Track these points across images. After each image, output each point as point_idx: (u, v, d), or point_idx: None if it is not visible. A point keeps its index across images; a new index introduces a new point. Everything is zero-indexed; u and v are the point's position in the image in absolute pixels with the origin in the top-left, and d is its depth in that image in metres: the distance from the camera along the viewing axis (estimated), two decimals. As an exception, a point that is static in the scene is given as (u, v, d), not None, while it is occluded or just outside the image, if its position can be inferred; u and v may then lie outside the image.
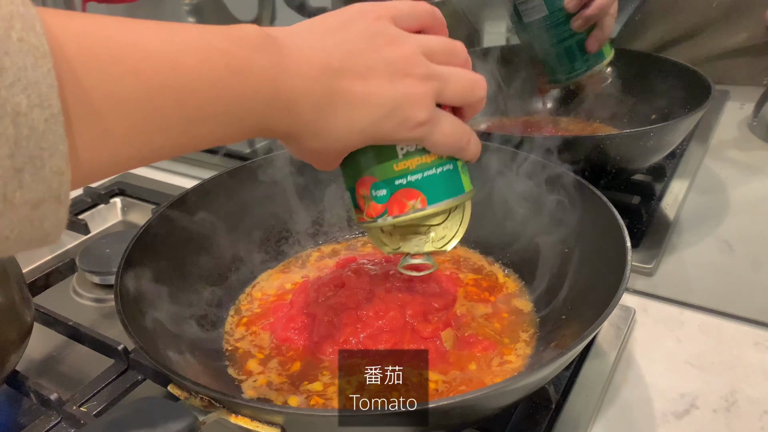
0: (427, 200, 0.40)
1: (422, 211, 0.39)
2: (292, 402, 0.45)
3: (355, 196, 0.42)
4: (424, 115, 0.36)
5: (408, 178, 0.39)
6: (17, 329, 0.49)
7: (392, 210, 0.40)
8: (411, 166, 0.39)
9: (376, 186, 0.40)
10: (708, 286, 0.61)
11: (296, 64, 0.33)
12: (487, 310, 0.54)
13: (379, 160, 0.39)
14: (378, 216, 0.40)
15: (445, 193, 0.40)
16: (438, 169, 0.40)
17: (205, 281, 0.55)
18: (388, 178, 0.39)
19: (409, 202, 0.39)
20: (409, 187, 0.39)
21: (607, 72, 0.83)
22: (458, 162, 0.41)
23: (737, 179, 0.80)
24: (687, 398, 0.49)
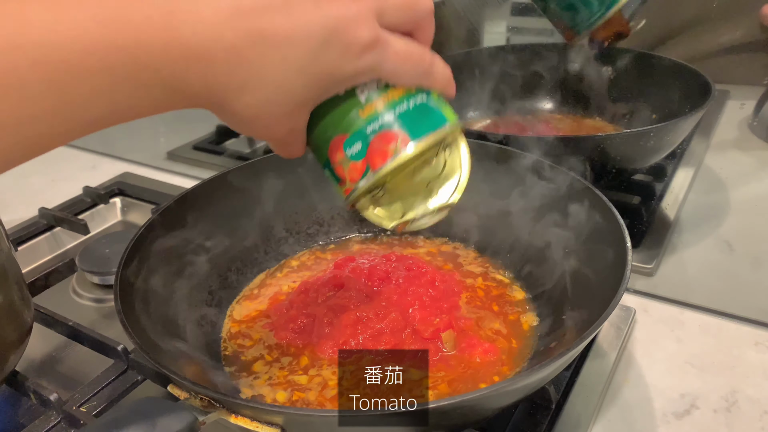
0: (409, 136, 0.34)
1: (406, 152, 0.34)
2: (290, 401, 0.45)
3: (333, 168, 0.37)
4: (367, 33, 0.32)
5: (379, 121, 0.34)
6: (17, 329, 0.49)
7: (374, 162, 0.35)
8: (378, 107, 0.34)
9: (348, 143, 0.35)
10: (708, 286, 0.61)
11: (194, 8, 0.29)
12: (487, 311, 0.54)
13: (342, 113, 0.35)
14: (361, 177, 0.35)
15: (425, 125, 0.35)
16: (410, 102, 0.35)
17: (204, 280, 0.55)
18: (358, 129, 0.35)
19: (389, 146, 0.34)
20: (384, 130, 0.34)
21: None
22: (431, 93, 0.36)
23: (737, 179, 0.80)
24: (687, 398, 0.49)
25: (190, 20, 0.29)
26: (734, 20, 0.99)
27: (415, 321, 0.50)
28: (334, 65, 0.32)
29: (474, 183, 0.61)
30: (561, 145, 0.62)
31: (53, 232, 0.77)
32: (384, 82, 0.35)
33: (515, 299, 0.55)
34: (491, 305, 0.54)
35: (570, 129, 0.89)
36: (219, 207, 0.58)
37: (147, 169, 0.94)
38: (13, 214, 0.81)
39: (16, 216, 0.80)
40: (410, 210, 0.38)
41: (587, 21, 0.77)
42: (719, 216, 0.72)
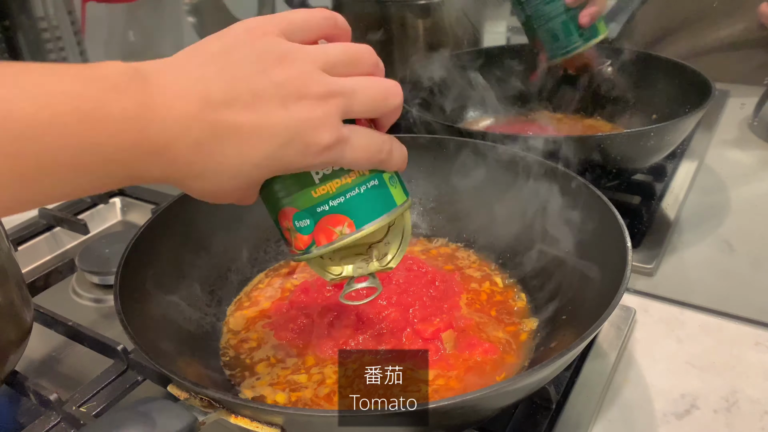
0: (355, 223, 0.36)
1: (351, 236, 0.36)
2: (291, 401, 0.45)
3: (281, 230, 0.39)
4: (329, 137, 0.33)
5: (330, 204, 0.36)
6: (17, 329, 0.49)
7: (319, 240, 0.36)
8: (331, 190, 0.36)
9: (297, 217, 0.37)
10: (708, 286, 0.61)
11: (167, 101, 0.30)
12: (487, 312, 0.54)
13: (296, 189, 0.36)
14: (306, 248, 0.37)
15: (373, 212, 0.37)
16: (361, 188, 0.36)
17: (204, 281, 0.55)
18: (309, 207, 0.36)
19: (336, 228, 0.36)
20: (333, 213, 0.36)
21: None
22: (384, 174, 0.37)
23: (737, 179, 0.80)
24: (687, 398, 0.49)
25: (160, 116, 0.30)
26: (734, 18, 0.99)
27: (415, 321, 0.50)
28: (294, 161, 0.33)
29: (474, 183, 0.62)
30: (561, 144, 0.62)
31: (53, 232, 0.77)
32: None
33: (514, 299, 0.55)
34: (491, 306, 0.54)
35: (570, 129, 0.89)
36: (219, 207, 0.57)
37: (147, 169, 0.94)
38: (13, 214, 0.81)
39: (16, 216, 0.80)
40: (350, 269, 0.41)
41: (563, 49, 0.82)
42: (719, 216, 0.72)
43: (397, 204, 0.38)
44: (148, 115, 0.29)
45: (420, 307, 0.51)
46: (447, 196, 0.64)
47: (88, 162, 0.29)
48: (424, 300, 0.52)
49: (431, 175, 0.64)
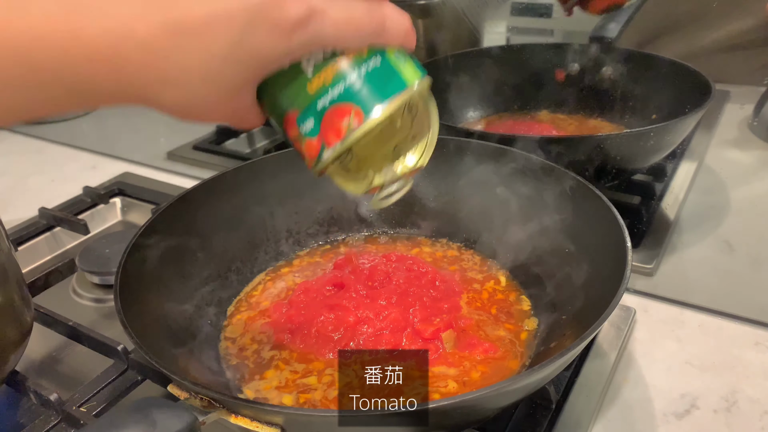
0: (363, 111, 0.32)
1: (361, 127, 0.32)
2: (291, 402, 0.45)
3: (291, 142, 0.34)
4: (297, 9, 0.28)
5: (330, 95, 0.32)
6: (17, 329, 0.49)
7: (329, 140, 0.32)
8: (327, 79, 0.31)
9: (300, 119, 0.33)
10: (708, 286, 0.61)
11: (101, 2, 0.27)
12: (487, 312, 0.54)
13: (290, 89, 0.32)
14: (319, 153, 0.33)
15: (381, 94, 0.32)
16: (362, 69, 0.32)
17: (204, 281, 0.55)
18: (309, 104, 0.32)
19: (342, 122, 0.32)
20: (336, 104, 0.32)
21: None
22: (387, 52, 0.33)
23: (737, 179, 0.80)
24: (687, 398, 0.49)
25: (97, 16, 0.27)
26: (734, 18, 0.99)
27: (416, 321, 0.50)
28: (264, 47, 0.29)
29: (474, 183, 0.62)
30: (561, 145, 0.62)
31: (53, 232, 0.77)
32: (330, 50, 0.31)
33: (515, 299, 0.55)
34: (492, 306, 0.54)
35: (570, 129, 0.89)
36: (219, 207, 0.58)
37: (147, 169, 0.94)
38: (13, 214, 0.81)
39: (16, 216, 0.80)
40: (379, 175, 0.36)
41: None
42: (719, 216, 0.72)
43: (408, 83, 0.33)
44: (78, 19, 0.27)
45: (420, 307, 0.51)
46: (447, 196, 0.64)
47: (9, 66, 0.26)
48: (424, 300, 0.52)
49: (431, 175, 0.64)
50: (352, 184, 0.36)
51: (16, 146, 1.09)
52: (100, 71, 0.28)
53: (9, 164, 1.02)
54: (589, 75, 0.91)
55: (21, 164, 1.01)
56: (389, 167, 0.36)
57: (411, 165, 0.36)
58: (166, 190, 0.83)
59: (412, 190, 0.64)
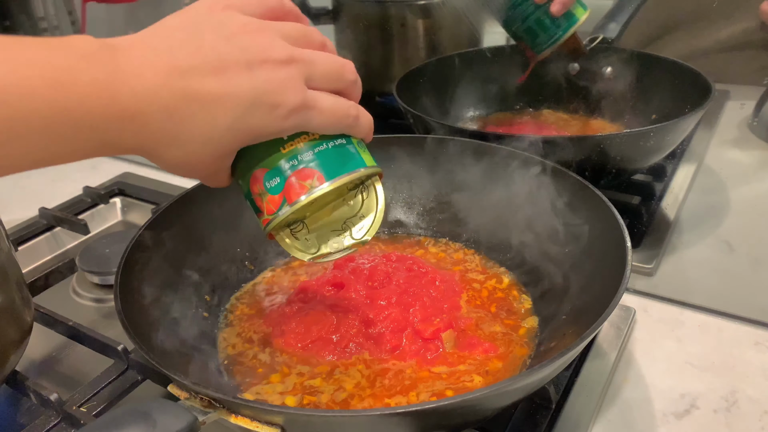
0: (324, 176, 0.37)
1: (321, 189, 0.36)
2: (290, 402, 0.45)
3: (254, 200, 0.39)
4: (294, 99, 0.34)
5: (299, 158, 0.37)
6: (17, 329, 0.49)
7: (290, 196, 0.37)
8: (299, 146, 0.37)
9: (267, 177, 0.37)
10: (708, 286, 0.61)
11: (136, 70, 0.31)
12: (488, 311, 0.54)
13: (264, 149, 0.37)
14: (278, 208, 0.37)
15: (342, 166, 0.37)
16: (329, 144, 0.37)
17: (204, 281, 0.55)
18: (278, 165, 0.37)
19: (306, 182, 0.36)
20: (302, 167, 0.37)
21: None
22: (352, 138, 0.38)
23: (737, 179, 0.80)
24: (687, 398, 0.49)
25: (129, 84, 0.31)
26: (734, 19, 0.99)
27: (416, 321, 0.50)
28: (261, 125, 0.34)
29: (474, 183, 0.62)
30: (561, 144, 0.62)
31: (53, 232, 0.77)
32: None
33: (515, 299, 0.55)
34: (492, 306, 0.54)
35: (570, 129, 0.89)
36: (219, 207, 0.58)
37: (147, 169, 0.94)
38: (13, 214, 0.81)
39: (16, 216, 0.80)
40: (325, 245, 0.41)
41: (546, 43, 0.82)
42: (719, 216, 0.72)
43: (367, 165, 0.38)
44: (117, 82, 0.30)
45: (420, 307, 0.51)
46: (447, 196, 0.64)
47: (59, 127, 0.30)
48: (424, 300, 0.52)
49: (431, 175, 0.64)
50: (299, 252, 0.41)
51: (16, 146, 1.09)
52: (128, 129, 0.31)
53: (9, 164, 1.01)
54: (589, 75, 0.91)
55: None
56: (336, 239, 0.40)
57: (357, 238, 0.40)
58: (166, 190, 0.83)
59: (412, 190, 0.65)
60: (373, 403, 0.45)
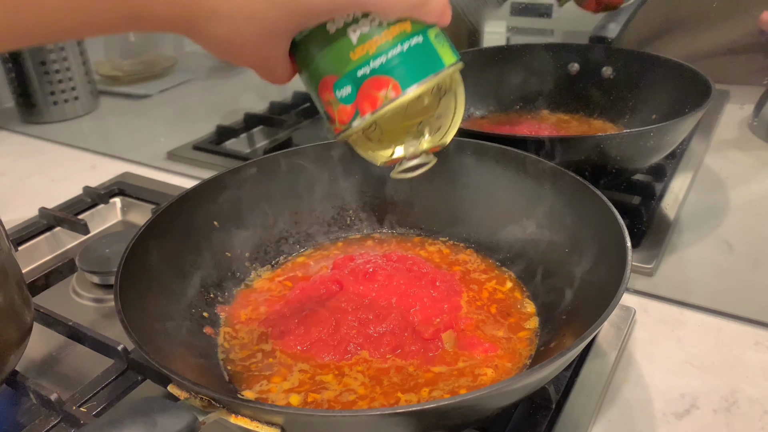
0: (400, 85, 0.33)
1: (397, 100, 0.33)
2: (292, 401, 0.45)
3: (323, 105, 0.36)
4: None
5: (371, 65, 0.33)
6: (17, 329, 0.49)
7: (363, 108, 0.34)
8: (370, 49, 0.33)
9: (338, 85, 0.34)
10: (708, 286, 0.61)
11: None
12: (488, 312, 0.54)
13: (333, 53, 0.33)
14: (351, 120, 0.34)
15: (419, 71, 0.34)
16: (404, 45, 0.33)
17: (204, 281, 0.55)
18: (349, 71, 0.33)
19: (380, 92, 0.33)
20: (376, 75, 0.33)
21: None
22: (428, 32, 0.34)
23: (737, 179, 0.80)
24: (687, 398, 0.49)
25: None
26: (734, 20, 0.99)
27: (416, 322, 0.50)
28: None
29: (474, 183, 0.62)
30: (561, 145, 0.62)
31: (53, 232, 0.77)
32: (377, 21, 0.33)
33: (515, 299, 0.55)
34: (492, 306, 0.54)
35: (570, 129, 0.89)
36: (219, 207, 0.58)
37: (147, 169, 0.94)
38: (13, 214, 0.81)
39: (16, 216, 0.80)
40: (402, 148, 0.38)
41: None
42: (719, 216, 0.72)
43: (446, 64, 0.35)
44: None
45: (421, 307, 0.51)
46: (447, 196, 0.64)
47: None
48: (425, 301, 0.52)
49: (432, 175, 0.63)
50: (373, 153, 0.37)
51: (16, 146, 1.09)
52: None
53: (9, 164, 1.02)
54: (589, 75, 0.91)
55: (21, 164, 1.01)
56: (412, 142, 0.37)
57: (434, 141, 0.37)
58: (166, 190, 0.83)
59: (412, 190, 0.65)
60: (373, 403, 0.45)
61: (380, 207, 0.65)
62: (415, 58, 0.33)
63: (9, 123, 1.17)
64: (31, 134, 1.12)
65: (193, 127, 1.05)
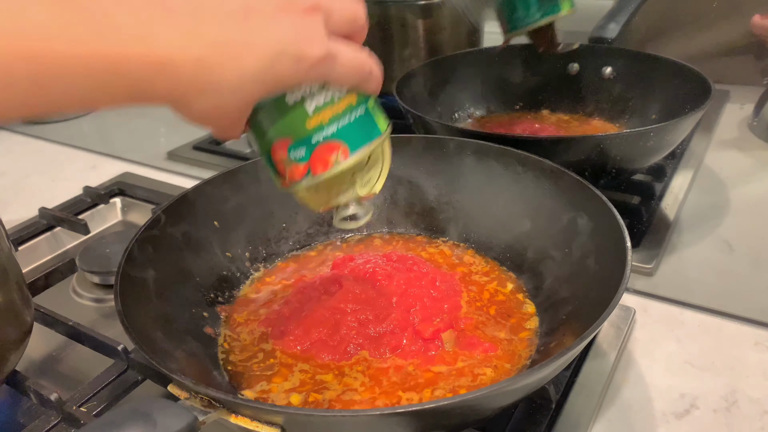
0: (349, 149, 0.39)
1: (346, 162, 0.38)
2: (293, 401, 0.45)
3: (273, 162, 0.40)
4: (319, 49, 0.35)
5: (324, 132, 0.38)
6: (17, 329, 0.49)
7: (315, 168, 0.39)
8: (324, 119, 0.38)
9: (293, 147, 0.39)
10: (708, 286, 0.61)
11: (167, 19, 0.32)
12: (487, 312, 0.54)
13: (290, 121, 0.38)
14: (302, 178, 0.39)
15: (363, 138, 0.39)
16: (352, 116, 0.39)
17: (204, 280, 0.55)
18: (304, 137, 0.38)
19: (331, 156, 0.38)
20: (328, 141, 0.38)
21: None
22: (368, 103, 0.40)
23: (737, 179, 0.80)
24: (687, 398, 0.49)
25: (164, 31, 0.32)
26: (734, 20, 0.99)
27: (416, 322, 0.50)
28: (286, 74, 0.35)
29: (474, 183, 0.62)
30: (561, 145, 0.62)
31: (53, 232, 0.77)
32: (330, 94, 0.38)
33: (515, 299, 0.55)
34: (492, 306, 0.54)
35: (570, 129, 0.89)
36: (219, 207, 0.58)
37: (147, 169, 0.94)
38: (13, 214, 0.81)
39: (16, 216, 0.80)
40: (337, 198, 0.43)
41: (522, 21, 0.80)
42: (719, 216, 0.72)
43: (382, 130, 0.41)
44: (153, 30, 0.31)
45: (421, 307, 0.51)
46: (447, 196, 0.64)
47: (97, 70, 0.30)
48: (425, 301, 0.52)
49: (431, 175, 0.64)
50: (314, 203, 0.43)
51: (16, 146, 1.09)
52: (160, 79, 0.32)
53: (9, 164, 1.02)
54: (589, 75, 0.91)
55: (21, 164, 1.01)
56: (348, 190, 0.42)
57: (367, 190, 0.42)
58: (166, 190, 0.83)
59: (413, 190, 0.65)
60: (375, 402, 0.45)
61: (380, 207, 0.65)
62: (360, 126, 0.39)
63: (9, 123, 1.17)
64: (31, 134, 1.12)
65: (193, 127, 1.04)
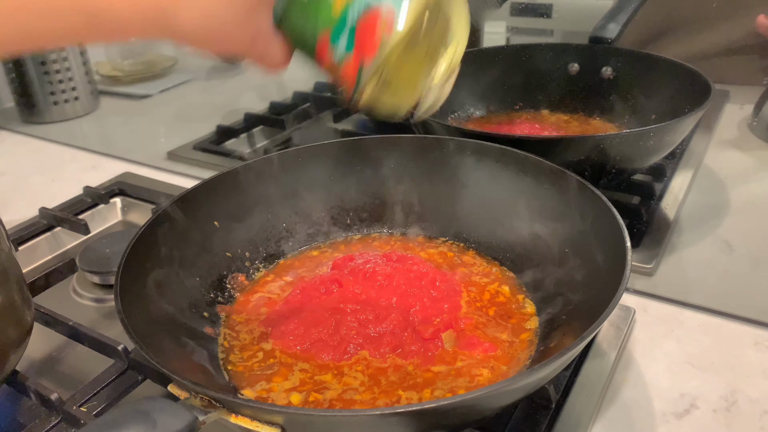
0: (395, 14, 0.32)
1: (396, 34, 0.32)
2: (293, 401, 0.45)
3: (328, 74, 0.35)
4: None
5: (356, 7, 0.32)
6: (17, 329, 0.49)
7: (366, 52, 0.32)
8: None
9: (333, 39, 0.33)
10: (708, 286, 0.61)
11: None
12: (487, 311, 0.54)
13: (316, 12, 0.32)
14: (358, 72, 0.33)
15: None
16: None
17: (204, 280, 0.55)
18: (339, 20, 0.32)
19: (375, 36, 0.32)
20: (365, 13, 0.32)
21: None
22: None
23: (737, 179, 0.80)
24: (687, 398, 0.49)
25: None
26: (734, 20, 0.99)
27: (416, 322, 0.50)
28: None
29: (474, 183, 0.62)
30: (561, 145, 0.62)
31: (53, 232, 0.77)
32: None
33: (515, 299, 0.55)
34: (492, 306, 0.54)
35: (570, 129, 0.89)
36: (219, 207, 0.58)
37: (147, 169, 0.94)
38: (13, 214, 0.81)
39: (16, 216, 0.80)
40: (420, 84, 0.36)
41: None
42: (719, 216, 0.72)
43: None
44: None
45: (421, 307, 0.51)
46: (447, 196, 0.64)
47: None
48: (424, 301, 0.52)
49: (431, 175, 0.64)
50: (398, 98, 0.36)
51: (16, 146, 1.09)
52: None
53: (9, 164, 1.02)
54: (589, 75, 0.91)
55: (21, 164, 1.01)
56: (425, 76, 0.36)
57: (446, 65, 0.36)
58: (166, 190, 0.83)
59: (413, 190, 0.65)
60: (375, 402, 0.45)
61: (380, 207, 0.65)
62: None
63: (9, 123, 1.17)
64: (32, 134, 1.12)
65: (193, 127, 1.05)
